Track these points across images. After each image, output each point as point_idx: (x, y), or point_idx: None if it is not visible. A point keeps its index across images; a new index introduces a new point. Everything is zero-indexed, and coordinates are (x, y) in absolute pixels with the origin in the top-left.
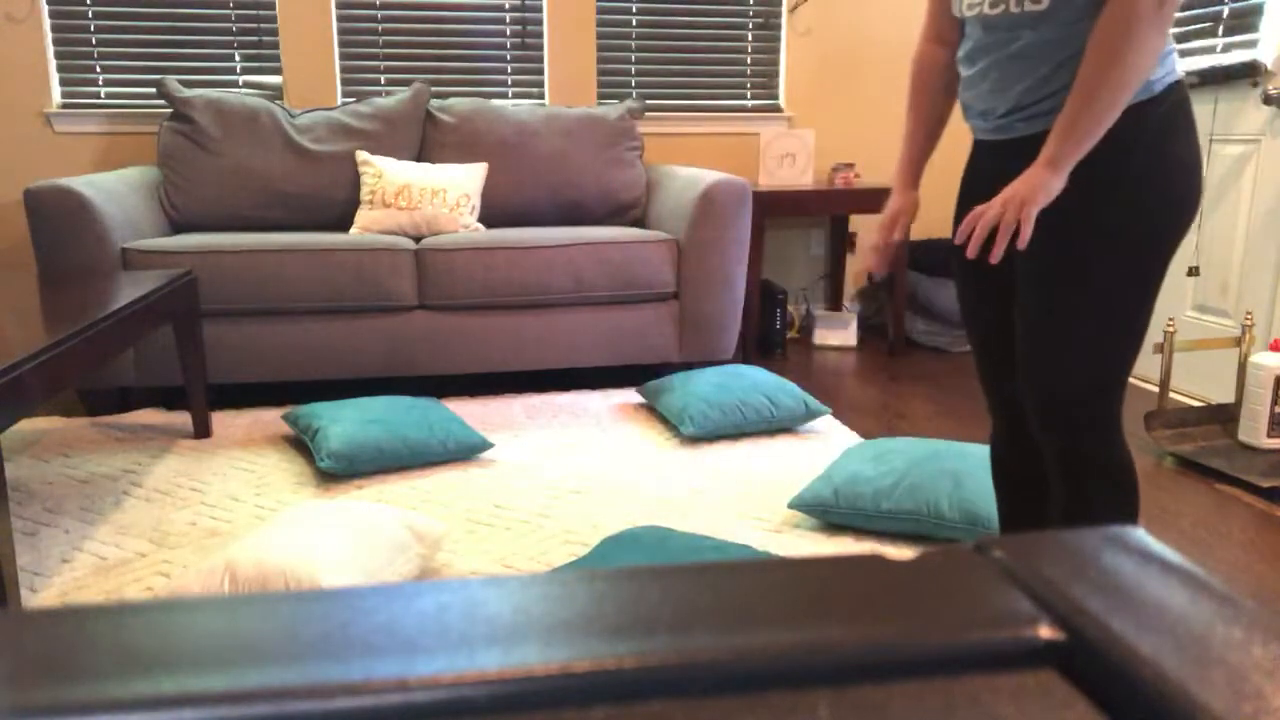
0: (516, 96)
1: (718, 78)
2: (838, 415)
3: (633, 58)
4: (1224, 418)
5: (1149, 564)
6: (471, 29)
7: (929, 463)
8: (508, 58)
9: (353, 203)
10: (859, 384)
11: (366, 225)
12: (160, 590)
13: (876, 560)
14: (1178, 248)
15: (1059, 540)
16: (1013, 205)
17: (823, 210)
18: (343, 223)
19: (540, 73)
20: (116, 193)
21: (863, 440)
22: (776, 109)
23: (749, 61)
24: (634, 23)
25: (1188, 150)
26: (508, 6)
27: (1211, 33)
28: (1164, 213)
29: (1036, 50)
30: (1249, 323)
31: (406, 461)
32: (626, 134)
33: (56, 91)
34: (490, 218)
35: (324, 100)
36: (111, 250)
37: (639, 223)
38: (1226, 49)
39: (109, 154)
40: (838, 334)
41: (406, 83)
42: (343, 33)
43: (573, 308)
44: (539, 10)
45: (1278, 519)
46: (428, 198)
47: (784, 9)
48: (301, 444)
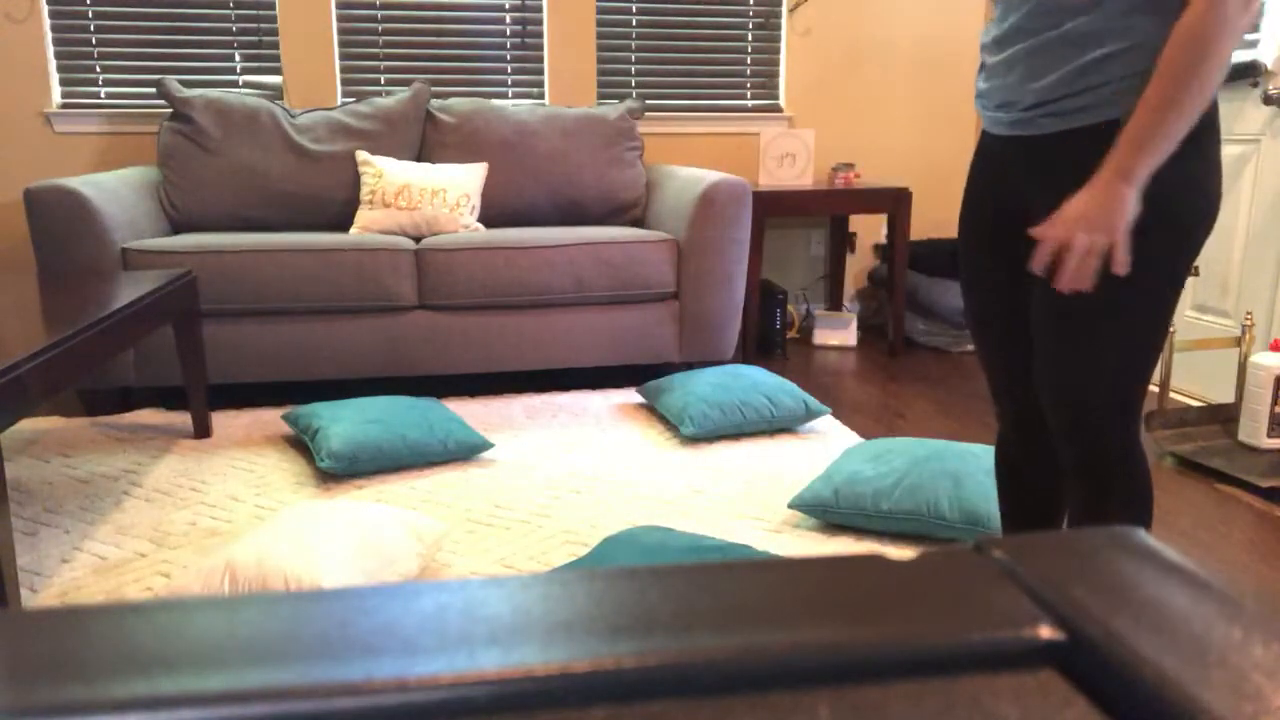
0: (516, 96)
1: (718, 78)
2: (838, 415)
3: (633, 58)
4: (1224, 418)
5: (1149, 564)
6: (471, 29)
7: (929, 463)
8: (508, 58)
9: (353, 203)
10: (859, 384)
11: (366, 225)
12: (160, 590)
13: (876, 560)
14: (1197, 257)
15: (1059, 540)
16: (1096, 228)
17: (823, 210)
18: (343, 223)
19: (540, 73)
20: (116, 193)
21: (863, 440)
22: (776, 109)
23: (749, 61)
24: (634, 23)
25: (1210, 158)
26: (508, 6)
27: None
28: (1185, 224)
29: (1080, 39)
30: (1249, 323)
31: (406, 461)
32: (626, 134)
33: (56, 91)
34: (490, 218)
35: (324, 100)
36: (111, 250)
37: (639, 223)
38: None
39: (109, 154)
40: (838, 334)
41: (406, 83)
42: (343, 33)
43: (573, 308)
44: (539, 10)
45: (1278, 519)
46: (428, 198)
47: (784, 9)
48: (301, 444)
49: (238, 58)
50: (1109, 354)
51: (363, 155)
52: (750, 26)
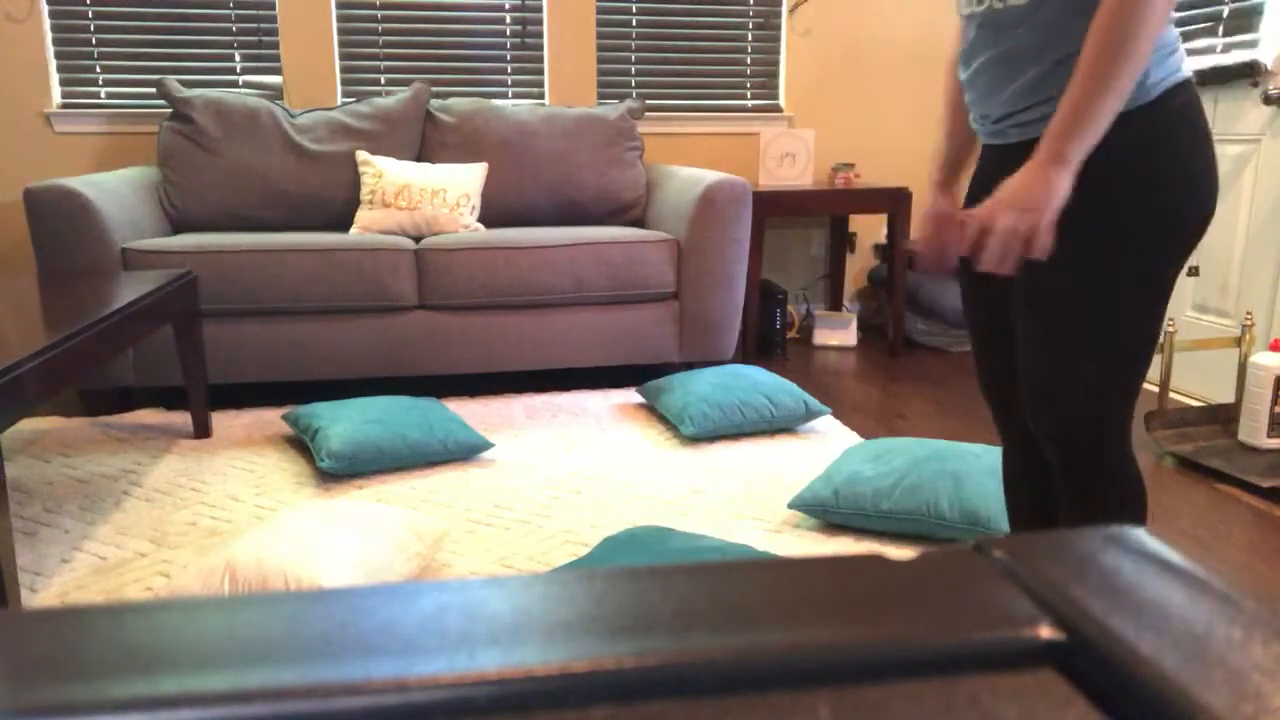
0: (516, 96)
1: (718, 78)
2: (838, 415)
3: (633, 58)
4: (1224, 418)
5: (1149, 564)
6: (471, 29)
7: (929, 463)
8: (508, 58)
9: (353, 203)
10: (859, 384)
11: (366, 225)
12: (160, 590)
13: (876, 560)
14: (1187, 258)
15: (1059, 540)
16: (1020, 210)
17: (823, 210)
18: (343, 223)
19: (540, 73)
20: (116, 193)
21: (863, 440)
22: (776, 109)
23: (749, 61)
24: (634, 23)
25: (1194, 159)
26: (508, 6)
27: (1211, 33)
28: (1167, 227)
29: (1019, 54)
30: (1249, 323)
31: (406, 461)
32: (626, 134)
33: (56, 91)
34: (490, 218)
35: (324, 100)
36: (111, 250)
37: (639, 223)
38: (1226, 49)
39: (109, 154)
40: (838, 334)
41: (406, 83)
42: (343, 33)
43: (573, 308)
44: (539, 10)
45: (1278, 519)
46: (428, 198)
47: (784, 9)
48: (301, 444)
49: (238, 58)
50: (1088, 359)
51: (363, 155)
52: (750, 26)
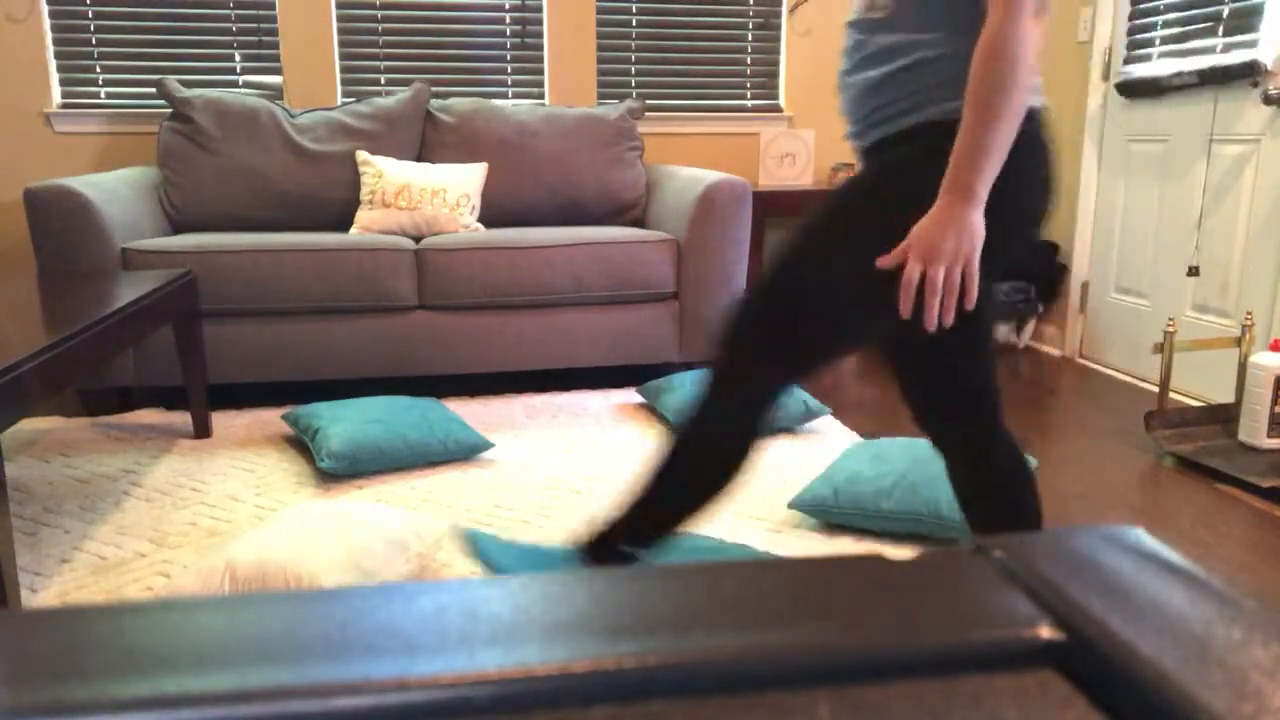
0: (516, 96)
1: (718, 78)
2: (838, 415)
3: (633, 58)
4: (1224, 418)
5: (1149, 564)
6: (471, 29)
7: (929, 463)
8: (508, 58)
9: (353, 203)
10: (859, 384)
11: (366, 225)
12: (160, 590)
13: (876, 560)
14: (998, 271)
15: (1059, 540)
16: (945, 256)
17: None
18: (343, 223)
19: (540, 73)
20: (116, 193)
21: (863, 440)
22: (776, 109)
23: (749, 61)
24: (634, 23)
25: (1024, 182)
26: (508, 6)
27: (1211, 33)
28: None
29: (880, 57)
30: (1249, 323)
31: (406, 461)
32: (626, 134)
33: (56, 91)
34: (490, 218)
35: (324, 100)
36: (111, 250)
37: (639, 223)
38: (1226, 49)
39: (109, 154)
40: None
41: (406, 83)
42: (343, 33)
43: (573, 308)
44: (539, 10)
45: (1278, 519)
46: (428, 198)
47: (784, 9)
48: (301, 444)
49: (238, 58)
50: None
51: (363, 155)
52: (750, 26)
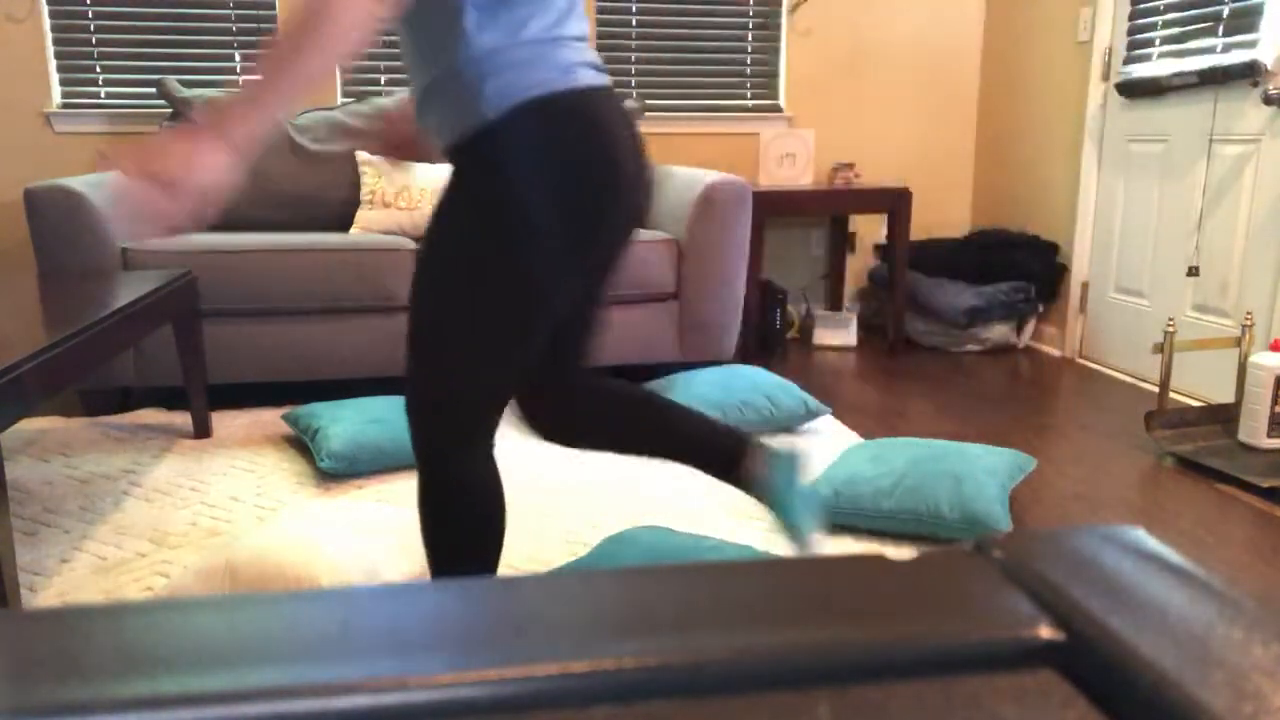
0: None
1: (718, 78)
2: (838, 415)
3: (632, 58)
4: (1224, 418)
5: (1149, 564)
6: None
7: (929, 463)
8: None
9: (353, 203)
10: (859, 384)
11: (366, 225)
12: (160, 590)
13: (876, 560)
14: (562, 277)
15: (1059, 540)
16: (147, 163)
17: (823, 210)
18: (343, 223)
19: None
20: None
21: (863, 440)
22: (776, 109)
23: (749, 61)
24: (634, 23)
25: (548, 181)
26: None
27: (1211, 33)
28: (505, 243)
29: (412, 73)
30: (1249, 323)
31: (407, 461)
32: None
33: (56, 91)
34: None
35: (324, 100)
36: (111, 250)
37: None
38: (1226, 49)
39: None
40: (838, 334)
41: (407, 83)
42: None
43: None
44: None
45: (1278, 519)
46: (428, 198)
47: (784, 9)
48: (301, 444)
49: (238, 58)
50: (430, 356)
51: (363, 155)
52: (750, 26)
